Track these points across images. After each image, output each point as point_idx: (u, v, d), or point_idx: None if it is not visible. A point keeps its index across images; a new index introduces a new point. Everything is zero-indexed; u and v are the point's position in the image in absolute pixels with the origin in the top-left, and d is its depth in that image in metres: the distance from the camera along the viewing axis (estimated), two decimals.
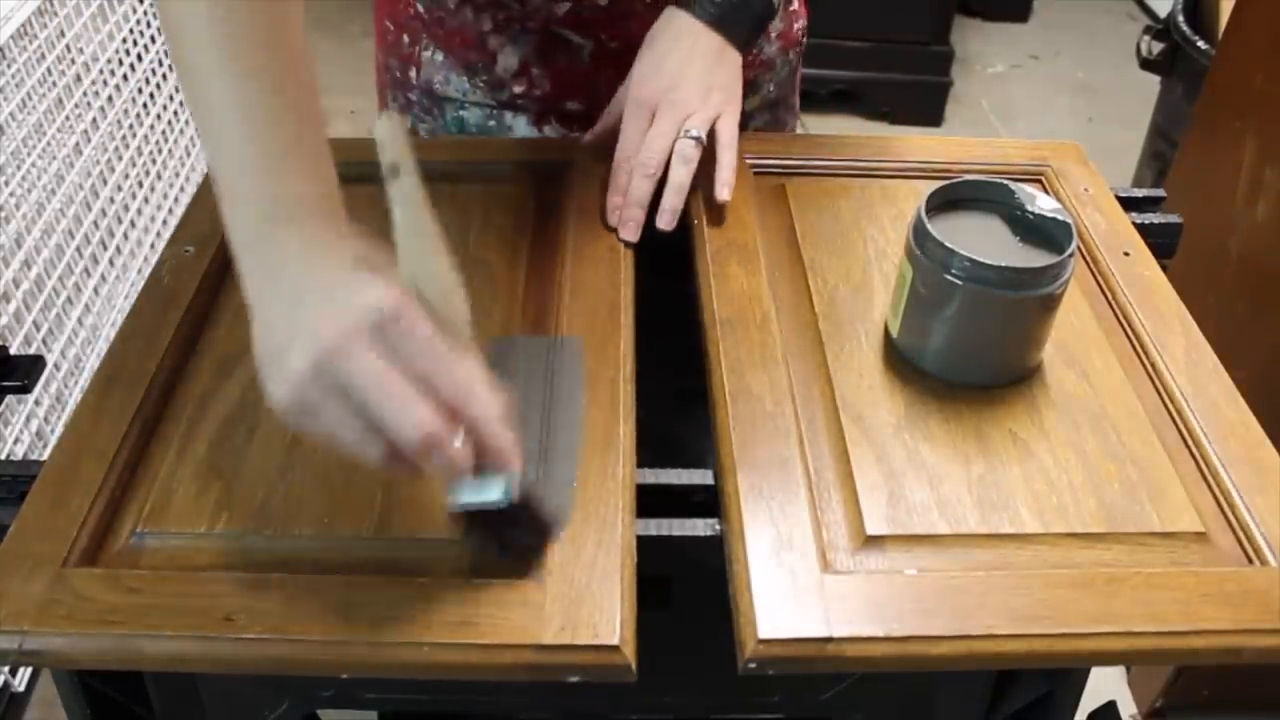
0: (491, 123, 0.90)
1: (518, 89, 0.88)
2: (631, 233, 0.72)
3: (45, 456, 0.58)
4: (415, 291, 0.48)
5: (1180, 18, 1.75)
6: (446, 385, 0.45)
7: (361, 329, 0.44)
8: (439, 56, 0.89)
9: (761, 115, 0.94)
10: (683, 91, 0.72)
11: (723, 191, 0.72)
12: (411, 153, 0.50)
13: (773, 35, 0.90)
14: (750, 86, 0.90)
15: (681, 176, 0.72)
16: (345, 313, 0.44)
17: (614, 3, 0.81)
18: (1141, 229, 0.76)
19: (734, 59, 0.74)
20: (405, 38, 0.90)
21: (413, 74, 0.91)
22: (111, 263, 1.73)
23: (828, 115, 2.55)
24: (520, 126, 0.90)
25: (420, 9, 0.87)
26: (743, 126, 0.79)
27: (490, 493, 0.48)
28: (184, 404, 0.62)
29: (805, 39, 0.95)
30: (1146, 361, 0.64)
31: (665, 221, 0.72)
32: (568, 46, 0.84)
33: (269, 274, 0.46)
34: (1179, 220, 0.80)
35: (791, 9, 0.91)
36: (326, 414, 0.44)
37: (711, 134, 0.73)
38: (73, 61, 1.65)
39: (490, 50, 0.86)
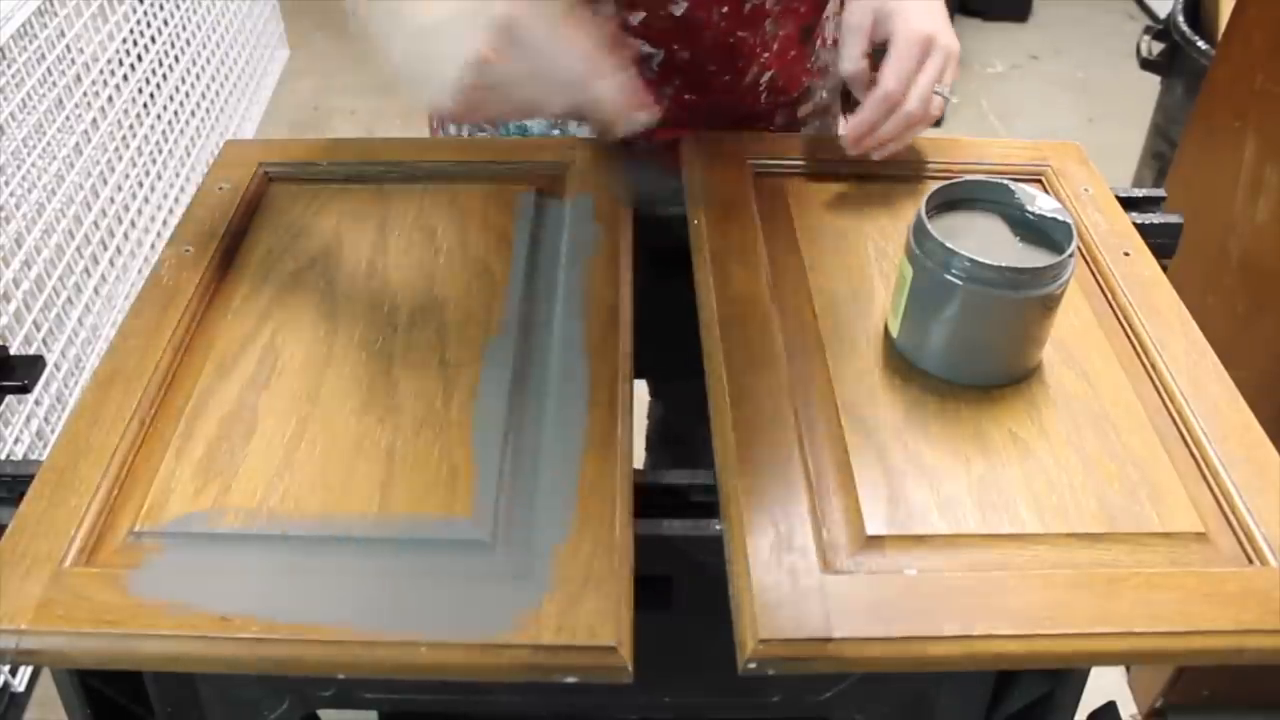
0: (555, 131, 0.89)
1: None
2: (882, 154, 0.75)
3: (45, 456, 0.58)
4: None
5: (1180, 18, 1.75)
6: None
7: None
8: None
9: (812, 122, 0.94)
10: (941, 40, 0.73)
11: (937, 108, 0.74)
12: None
13: (829, 43, 0.90)
14: (806, 93, 0.91)
15: (918, 129, 0.74)
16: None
17: (689, 11, 0.81)
18: (1141, 229, 0.76)
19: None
20: None
21: None
22: (111, 263, 1.73)
23: None
24: (583, 135, 0.89)
25: None
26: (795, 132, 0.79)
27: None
28: (182, 404, 0.62)
29: None
30: (1146, 361, 0.64)
31: (884, 154, 0.75)
32: (637, 56, 0.84)
33: None
34: (1179, 220, 0.80)
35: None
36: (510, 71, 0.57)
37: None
38: (73, 61, 1.65)
39: None
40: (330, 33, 3.03)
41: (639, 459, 1.34)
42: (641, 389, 1.14)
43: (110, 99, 1.77)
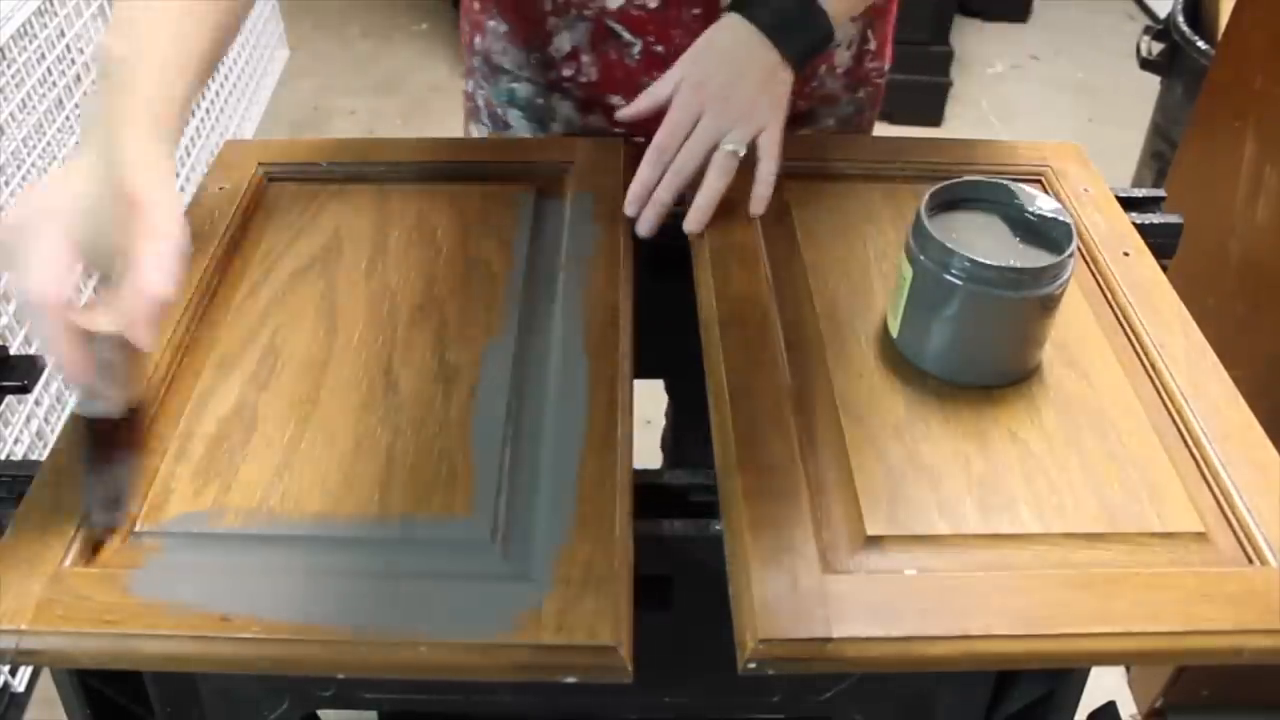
0: (540, 100, 0.91)
1: (566, 73, 0.88)
2: (648, 230, 0.73)
3: (45, 456, 0.58)
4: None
5: (1180, 18, 1.75)
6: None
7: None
8: (502, 27, 0.90)
9: None
10: (732, 101, 0.71)
11: (758, 206, 0.72)
12: None
13: (838, 70, 0.90)
14: (807, 118, 0.91)
15: (717, 189, 0.71)
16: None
17: (662, 6, 0.81)
18: (1141, 229, 0.76)
19: (786, 79, 0.74)
20: (477, 4, 0.91)
21: (477, 39, 0.92)
22: None
23: None
24: (566, 110, 0.91)
25: None
26: None
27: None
28: (182, 404, 0.61)
29: (882, 81, 0.95)
30: (1146, 361, 0.64)
31: (695, 224, 0.72)
32: (618, 41, 0.85)
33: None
34: (1179, 220, 0.80)
35: (867, 47, 0.91)
36: None
37: (751, 145, 0.72)
38: (73, 62, 1.65)
39: (547, 30, 0.87)
40: (330, 33, 3.03)
41: (656, 462, 1.34)
42: (658, 390, 1.15)
43: None
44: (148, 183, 0.55)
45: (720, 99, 0.71)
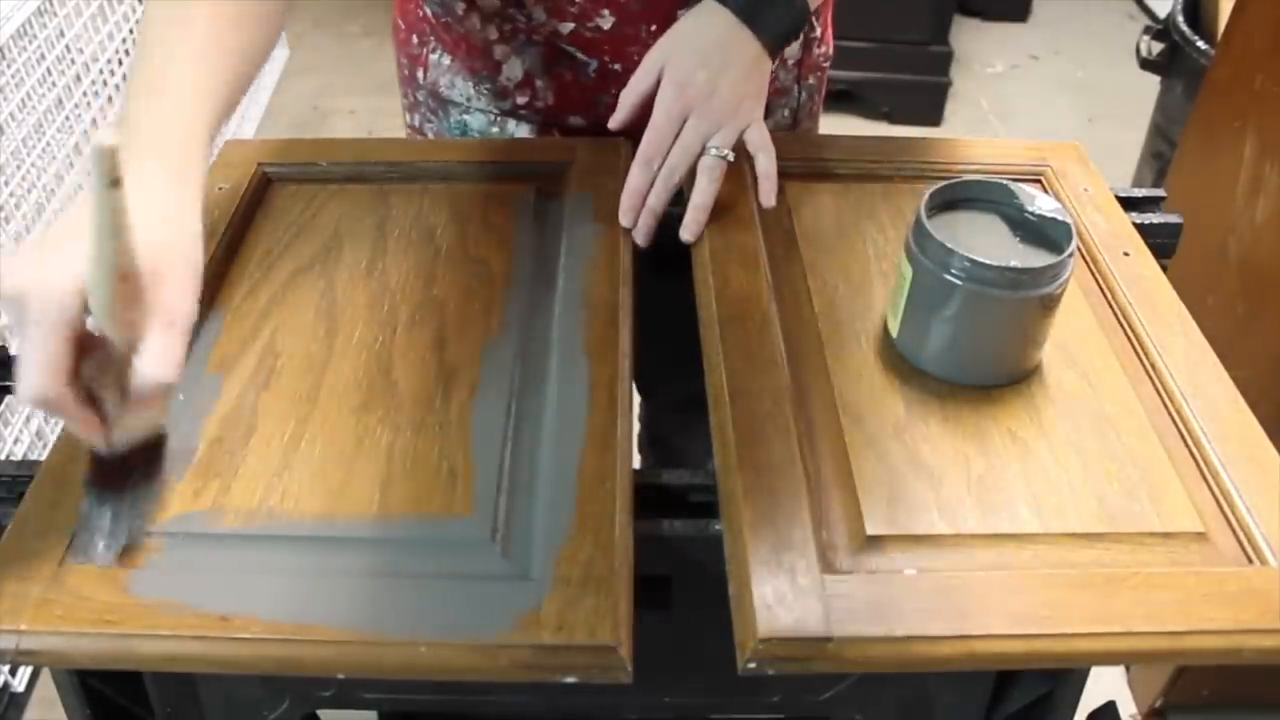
0: (495, 129, 0.90)
1: (521, 99, 0.87)
2: (645, 239, 0.73)
3: (45, 456, 0.58)
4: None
5: (1180, 18, 1.75)
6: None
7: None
8: (445, 60, 0.89)
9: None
10: (716, 101, 0.70)
11: (768, 199, 0.72)
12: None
13: (789, 63, 0.90)
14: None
15: (708, 195, 0.71)
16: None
17: (616, 26, 0.81)
18: (1141, 229, 0.76)
19: (766, 67, 0.73)
20: (415, 38, 0.91)
21: (420, 74, 0.91)
22: None
23: (828, 115, 2.55)
24: (523, 135, 0.90)
25: (428, 12, 0.87)
26: None
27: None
28: (182, 403, 0.61)
29: (828, 65, 0.95)
30: (1146, 361, 0.64)
31: (691, 233, 0.72)
32: (573, 62, 0.84)
33: None
34: (1179, 220, 0.80)
35: (813, 35, 0.91)
36: None
37: (740, 141, 0.72)
38: (73, 61, 1.65)
39: (496, 59, 0.86)
40: (329, 32, 3.03)
41: (635, 460, 1.34)
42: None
43: (110, 99, 1.77)
44: (158, 249, 0.50)
45: (704, 99, 0.70)
